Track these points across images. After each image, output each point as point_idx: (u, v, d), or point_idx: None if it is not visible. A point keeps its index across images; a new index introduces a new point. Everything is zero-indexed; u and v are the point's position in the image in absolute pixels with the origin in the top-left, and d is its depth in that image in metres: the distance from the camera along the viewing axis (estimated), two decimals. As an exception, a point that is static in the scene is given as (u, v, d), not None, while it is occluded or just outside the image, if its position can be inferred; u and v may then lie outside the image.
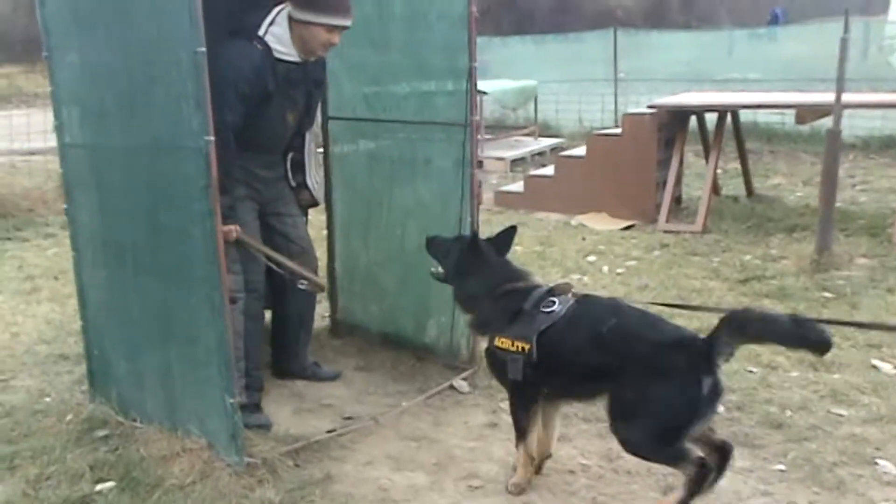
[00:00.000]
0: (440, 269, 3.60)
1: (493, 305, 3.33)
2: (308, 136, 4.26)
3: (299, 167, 4.24)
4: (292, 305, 4.34)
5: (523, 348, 3.16)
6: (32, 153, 9.51)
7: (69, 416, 3.87)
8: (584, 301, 3.27)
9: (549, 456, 3.46)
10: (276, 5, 3.81)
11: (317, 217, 5.00)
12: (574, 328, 3.14)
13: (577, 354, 3.14)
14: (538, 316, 3.19)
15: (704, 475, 2.93)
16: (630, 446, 3.04)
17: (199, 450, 3.42)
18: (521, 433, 3.31)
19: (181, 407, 3.55)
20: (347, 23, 3.83)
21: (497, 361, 3.29)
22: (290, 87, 3.89)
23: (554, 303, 3.21)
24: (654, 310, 3.31)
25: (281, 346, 4.45)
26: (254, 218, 3.97)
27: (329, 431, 3.80)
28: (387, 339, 4.76)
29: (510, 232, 3.61)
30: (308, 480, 3.37)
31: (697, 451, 2.98)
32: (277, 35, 3.76)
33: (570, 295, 3.29)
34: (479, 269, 3.44)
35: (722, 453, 3.08)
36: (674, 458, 2.95)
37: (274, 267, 3.94)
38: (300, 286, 4.01)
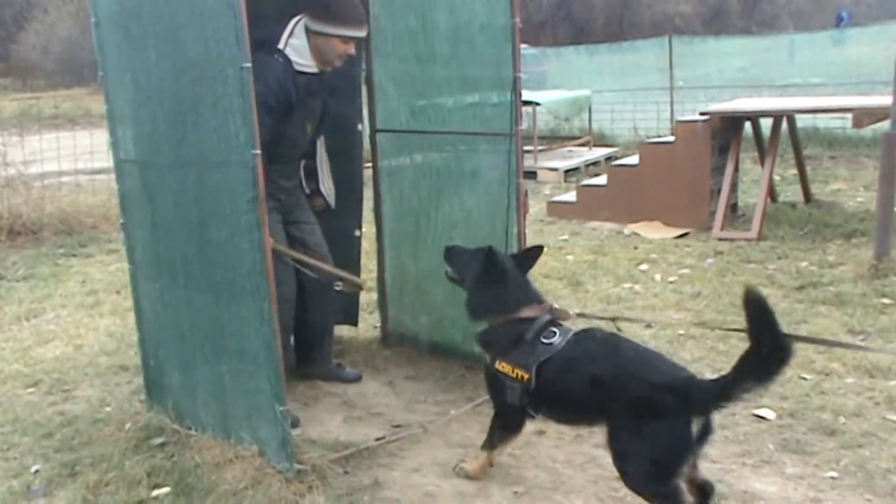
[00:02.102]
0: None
1: (500, 327, 3.39)
2: (319, 143, 4.38)
3: (312, 174, 4.37)
4: (316, 310, 4.42)
5: (522, 377, 3.23)
6: (97, 172, 9.83)
7: (128, 425, 3.99)
8: (583, 335, 3.29)
9: None
10: (291, 18, 3.95)
11: (369, 229, 5.07)
12: (571, 364, 3.18)
13: (572, 390, 3.18)
14: (539, 346, 3.24)
15: None
16: (626, 481, 3.05)
17: (250, 457, 3.51)
18: (492, 445, 3.49)
19: (233, 415, 3.63)
20: (362, 34, 4.02)
21: (496, 382, 3.37)
22: (309, 98, 4.02)
23: (555, 333, 3.26)
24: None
25: (305, 349, 4.52)
26: (280, 228, 4.07)
27: (378, 439, 3.85)
28: (436, 349, 4.81)
29: (535, 250, 3.64)
30: (357, 486, 3.43)
31: (689, 497, 2.99)
32: (296, 47, 3.91)
33: (571, 319, 3.38)
34: (493, 285, 3.46)
35: (703, 492, 3.09)
36: (666, 499, 2.93)
37: (308, 272, 4.02)
38: (337, 288, 4.09)
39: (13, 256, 7.68)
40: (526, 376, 3.22)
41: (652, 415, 2.92)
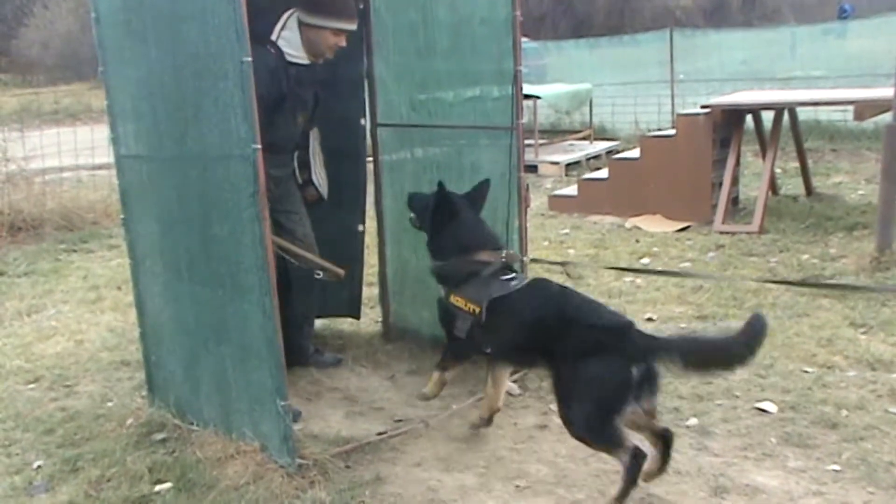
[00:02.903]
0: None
1: (457, 263, 3.57)
2: (312, 135, 4.43)
3: (305, 165, 4.44)
4: (298, 299, 4.43)
5: (474, 310, 3.41)
6: (97, 167, 9.82)
7: (129, 420, 4.00)
8: (537, 282, 3.54)
9: (497, 410, 3.78)
10: (283, 11, 4.03)
11: (370, 224, 5.07)
12: (520, 304, 3.38)
13: (517, 328, 3.37)
14: (494, 283, 3.44)
15: (639, 464, 3.04)
16: (568, 426, 3.17)
17: (252, 452, 3.51)
18: (444, 368, 3.72)
19: (235, 410, 3.64)
20: (353, 26, 4.12)
21: (447, 314, 3.58)
22: (300, 89, 4.10)
23: (513, 274, 3.46)
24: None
25: (285, 337, 4.51)
26: (266, 216, 4.09)
27: (380, 434, 3.85)
28: (437, 344, 4.77)
29: (483, 186, 3.85)
30: (358, 481, 3.43)
31: (632, 441, 3.08)
32: (289, 39, 4.01)
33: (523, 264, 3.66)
34: (449, 224, 3.66)
35: (664, 440, 3.19)
36: (609, 443, 3.05)
37: (291, 259, 4.05)
38: (317, 276, 4.12)
39: (14, 252, 7.68)
40: (478, 310, 3.41)
41: (590, 356, 3.07)
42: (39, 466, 3.68)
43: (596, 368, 3.06)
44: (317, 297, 4.58)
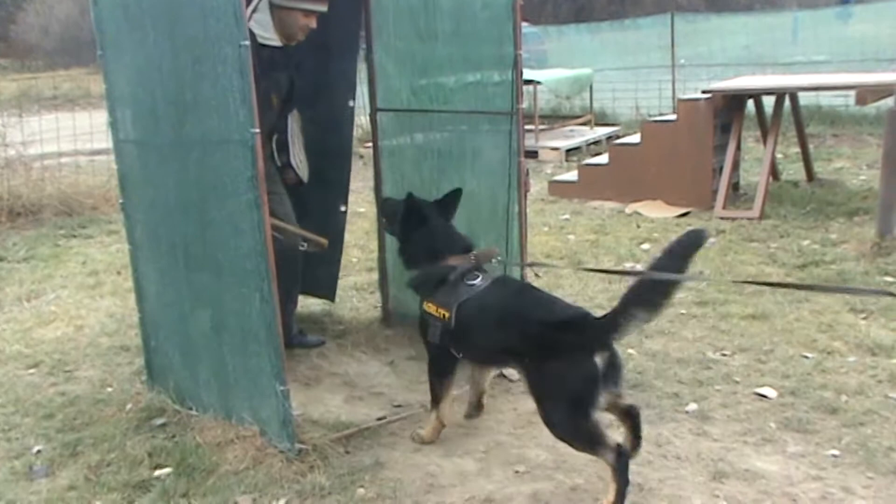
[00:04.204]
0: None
1: (428, 270, 3.56)
2: (291, 118, 4.43)
3: (283, 147, 4.43)
4: (279, 277, 4.42)
5: (444, 315, 3.42)
6: (96, 153, 9.80)
7: (129, 406, 4.00)
8: (498, 281, 3.51)
9: (483, 392, 3.81)
10: None
11: (370, 209, 5.06)
12: (482, 305, 3.38)
13: (484, 330, 3.37)
14: (461, 287, 3.43)
15: (625, 462, 3.03)
16: (551, 429, 3.17)
17: (252, 437, 3.51)
18: (435, 400, 3.63)
19: (234, 395, 3.64)
20: (324, 8, 4.11)
21: (424, 323, 3.55)
22: (273, 71, 4.10)
23: (477, 276, 3.46)
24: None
25: None
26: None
27: (379, 419, 3.86)
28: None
29: (454, 195, 3.83)
30: (358, 466, 3.43)
31: (614, 438, 3.08)
32: (260, 21, 4.02)
33: (493, 262, 3.62)
34: (420, 232, 3.66)
35: (631, 418, 3.22)
36: (591, 442, 3.04)
37: (275, 234, 4.06)
38: (302, 247, 4.18)
39: (13, 237, 7.67)
40: (447, 315, 3.41)
41: (553, 355, 3.07)
42: (39, 451, 3.69)
43: (561, 367, 3.06)
44: (300, 274, 4.56)
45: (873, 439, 3.49)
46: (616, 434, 3.20)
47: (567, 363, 3.05)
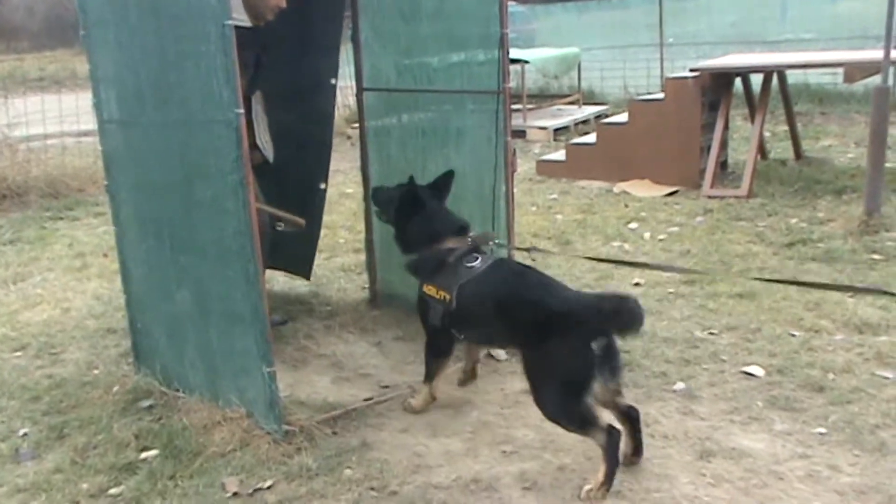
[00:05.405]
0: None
1: (426, 254, 3.59)
2: (255, 99, 4.39)
3: (248, 128, 4.34)
4: None
5: (445, 297, 3.44)
6: (83, 134, 9.71)
7: (115, 388, 3.98)
8: (498, 263, 3.54)
9: (478, 360, 3.97)
10: None
11: (357, 190, 5.04)
12: (482, 287, 3.41)
13: (482, 312, 3.41)
14: (461, 269, 3.47)
15: (616, 441, 3.06)
16: (542, 410, 3.20)
17: (238, 419, 3.51)
18: (429, 375, 3.72)
19: (221, 377, 3.63)
20: None
21: (424, 306, 3.60)
22: (241, 51, 4.00)
23: (476, 258, 3.49)
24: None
25: None
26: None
27: (366, 400, 3.85)
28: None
29: (447, 177, 3.85)
30: (345, 447, 3.43)
31: (604, 419, 3.10)
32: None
33: (490, 245, 3.69)
34: (417, 217, 3.67)
35: (631, 418, 3.22)
36: (582, 423, 3.06)
37: None
38: (279, 227, 4.19)
39: (-1, 220, 7.62)
40: (448, 297, 3.44)
41: (549, 337, 3.09)
42: (25, 434, 3.67)
43: (557, 349, 3.08)
44: (267, 253, 4.54)
45: (860, 417, 3.50)
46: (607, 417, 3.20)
47: (563, 346, 3.07)
